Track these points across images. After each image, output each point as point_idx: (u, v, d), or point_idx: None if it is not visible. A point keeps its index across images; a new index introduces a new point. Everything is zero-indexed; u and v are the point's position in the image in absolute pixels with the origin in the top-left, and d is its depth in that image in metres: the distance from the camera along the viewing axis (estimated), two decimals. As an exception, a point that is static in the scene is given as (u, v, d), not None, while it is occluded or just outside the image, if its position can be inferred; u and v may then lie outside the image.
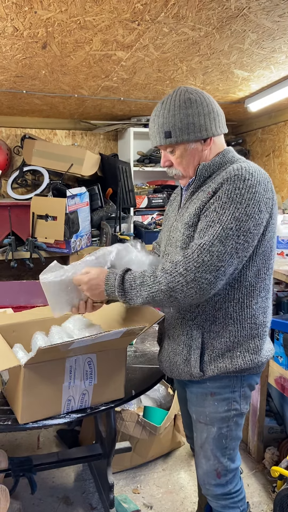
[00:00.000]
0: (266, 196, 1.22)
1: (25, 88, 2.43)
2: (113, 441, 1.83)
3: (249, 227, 1.18)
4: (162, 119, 1.29)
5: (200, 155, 1.32)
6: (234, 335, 1.30)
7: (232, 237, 1.16)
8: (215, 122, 1.30)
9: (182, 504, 2.03)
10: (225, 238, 1.16)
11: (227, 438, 1.37)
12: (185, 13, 1.50)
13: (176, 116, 1.26)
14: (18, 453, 2.35)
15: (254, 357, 1.31)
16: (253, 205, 1.18)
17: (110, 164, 3.21)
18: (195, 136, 1.28)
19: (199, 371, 1.32)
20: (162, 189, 3.52)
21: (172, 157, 1.34)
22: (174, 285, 1.18)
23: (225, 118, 1.38)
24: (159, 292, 1.20)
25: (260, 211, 1.20)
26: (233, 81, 2.35)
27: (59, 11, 1.47)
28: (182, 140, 1.28)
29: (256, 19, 1.56)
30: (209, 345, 1.32)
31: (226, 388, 1.34)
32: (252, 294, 1.29)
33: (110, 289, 1.29)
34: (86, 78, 2.25)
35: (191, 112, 1.26)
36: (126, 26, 1.60)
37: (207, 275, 1.16)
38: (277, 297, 2.31)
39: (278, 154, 3.31)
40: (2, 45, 1.76)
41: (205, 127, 1.28)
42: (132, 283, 1.25)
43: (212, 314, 1.30)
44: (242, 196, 1.18)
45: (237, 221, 1.16)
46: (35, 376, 1.24)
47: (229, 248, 1.16)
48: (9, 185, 3.18)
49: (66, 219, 2.75)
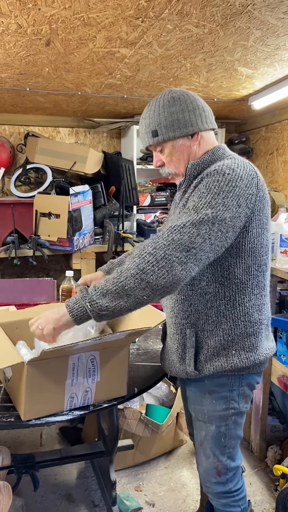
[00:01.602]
0: (248, 191, 1.20)
1: (29, 86, 2.43)
2: (116, 438, 1.83)
3: (225, 217, 1.16)
4: (148, 120, 1.33)
5: (189, 150, 1.33)
6: (227, 333, 1.30)
7: (206, 222, 1.14)
8: (201, 118, 1.31)
9: (184, 502, 2.03)
10: (198, 222, 1.14)
11: (226, 437, 1.37)
12: (189, 10, 1.50)
13: (161, 115, 1.29)
14: (21, 450, 2.36)
15: (250, 355, 1.31)
16: (232, 198, 1.17)
17: (113, 162, 3.21)
18: (181, 132, 1.29)
19: (193, 369, 1.33)
20: (165, 187, 3.51)
21: (163, 156, 1.36)
22: (144, 265, 1.11)
23: (213, 116, 1.38)
24: (128, 279, 1.12)
25: (239, 205, 1.18)
26: (237, 78, 2.34)
27: (63, 8, 1.47)
28: (168, 137, 1.30)
29: (260, 16, 1.55)
30: (204, 344, 1.32)
31: (224, 386, 1.34)
32: (243, 291, 1.28)
33: (73, 305, 1.16)
34: (90, 75, 2.25)
35: (175, 109, 1.29)
36: (130, 23, 1.59)
37: (177, 253, 1.12)
38: (280, 295, 2.31)
39: (282, 152, 3.30)
40: (6, 42, 1.75)
41: (190, 122, 1.29)
42: (97, 286, 1.16)
43: (205, 313, 1.30)
44: (220, 188, 1.17)
45: (212, 209, 1.15)
46: (38, 373, 1.24)
47: (202, 232, 1.14)
48: (12, 182, 3.18)
49: (69, 217, 2.75)
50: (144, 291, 1.12)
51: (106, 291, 1.13)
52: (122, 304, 1.13)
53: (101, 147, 3.58)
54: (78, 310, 1.16)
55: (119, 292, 1.13)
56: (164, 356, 1.46)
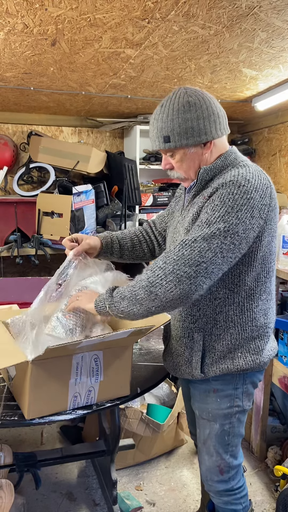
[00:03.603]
0: (262, 202, 1.19)
1: (33, 85, 2.43)
2: (117, 438, 1.83)
3: (238, 230, 1.16)
4: (161, 123, 1.27)
5: (200, 158, 1.30)
6: (235, 338, 1.31)
7: (218, 236, 1.15)
8: (215, 125, 1.26)
9: (185, 501, 2.04)
10: (210, 236, 1.15)
11: (229, 435, 1.38)
12: (196, 12, 1.50)
13: (175, 121, 1.24)
14: (21, 448, 2.36)
15: (256, 357, 1.32)
16: (246, 210, 1.16)
17: (116, 161, 3.21)
18: (194, 141, 1.25)
19: (200, 372, 1.34)
20: (168, 187, 3.51)
21: (173, 161, 1.32)
22: (154, 279, 1.16)
23: (227, 118, 1.34)
24: (140, 289, 1.18)
25: (253, 217, 1.18)
26: (241, 80, 2.35)
27: (70, 8, 1.47)
28: (181, 145, 1.26)
29: (266, 18, 1.56)
30: (211, 348, 1.33)
31: (228, 385, 1.35)
32: (252, 297, 1.29)
33: (100, 298, 1.29)
34: (94, 75, 2.25)
35: (190, 116, 1.23)
36: (136, 24, 1.60)
37: (186, 268, 1.14)
38: (282, 297, 2.31)
39: (284, 153, 3.30)
40: (12, 41, 1.76)
41: (204, 131, 1.25)
42: (120, 289, 1.26)
43: (213, 318, 1.31)
44: (235, 201, 1.16)
45: (225, 223, 1.15)
46: (42, 372, 1.25)
47: (213, 246, 1.14)
48: (15, 181, 3.19)
49: (72, 216, 2.76)
50: (154, 302, 1.17)
51: (124, 297, 1.22)
52: (135, 310, 1.20)
53: (104, 147, 3.59)
54: (100, 307, 1.28)
55: (133, 300, 1.20)
56: (168, 357, 1.47)
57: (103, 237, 1.58)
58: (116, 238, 1.59)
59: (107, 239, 1.57)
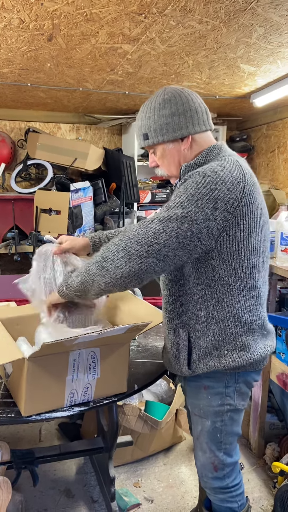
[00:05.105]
0: (229, 196, 1.17)
1: (30, 81, 2.42)
2: (115, 435, 1.83)
3: (197, 218, 1.16)
4: (140, 121, 1.33)
5: (179, 154, 1.32)
6: (218, 334, 1.30)
7: (174, 221, 1.16)
8: (192, 120, 1.28)
9: (183, 498, 2.04)
10: (166, 219, 1.17)
11: (221, 433, 1.38)
12: (193, 6, 1.49)
13: (151, 118, 1.29)
14: (20, 445, 2.36)
15: (243, 354, 1.30)
16: (207, 200, 1.16)
17: (114, 158, 3.20)
18: (169, 136, 1.28)
19: (187, 369, 1.35)
20: (166, 184, 3.51)
21: (156, 158, 1.37)
22: (107, 254, 1.20)
23: (209, 115, 1.33)
24: (93, 264, 1.22)
25: (215, 208, 1.16)
26: (239, 75, 2.34)
27: (66, 3, 1.46)
28: (158, 141, 1.30)
29: (264, 13, 1.55)
30: (196, 344, 1.33)
31: (219, 382, 1.35)
32: (231, 293, 1.28)
33: (61, 282, 1.33)
34: (91, 71, 2.24)
35: (164, 113, 1.27)
36: (132, 19, 1.59)
37: (138, 246, 1.16)
38: (280, 294, 2.31)
39: (283, 150, 3.29)
40: (8, 37, 1.75)
41: (179, 126, 1.27)
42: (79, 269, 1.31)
43: (195, 314, 1.31)
44: (197, 189, 1.17)
45: (184, 209, 1.16)
46: (38, 369, 1.25)
47: (169, 230, 1.16)
48: (13, 178, 3.18)
49: (70, 213, 2.75)
50: (104, 278, 1.20)
51: (79, 274, 1.26)
52: (88, 286, 1.24)
53: (102, 144, 3.58)
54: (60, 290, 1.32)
55: (86, 275, 1.24)
56: (164, 353, 1.49)
57: (91, 237, 1.58)
58: (105, 236, 1.58)
59: (95, 239, 1.57)
